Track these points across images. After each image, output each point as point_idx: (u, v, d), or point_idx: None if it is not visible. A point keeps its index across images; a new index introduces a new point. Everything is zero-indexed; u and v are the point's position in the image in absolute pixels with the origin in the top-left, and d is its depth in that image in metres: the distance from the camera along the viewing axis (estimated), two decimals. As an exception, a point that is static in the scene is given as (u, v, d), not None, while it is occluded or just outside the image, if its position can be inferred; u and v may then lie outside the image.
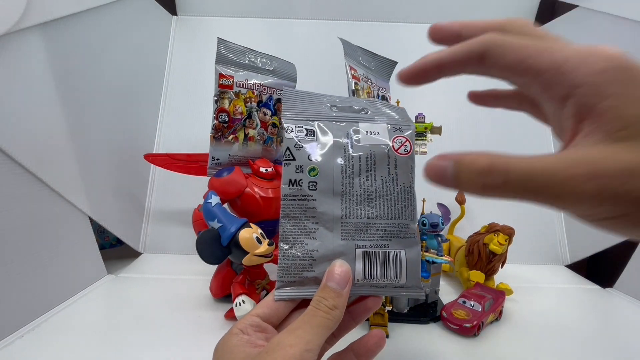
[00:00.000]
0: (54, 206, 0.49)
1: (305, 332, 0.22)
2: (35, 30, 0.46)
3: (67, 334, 0.42)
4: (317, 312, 0.23)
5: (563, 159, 0.15)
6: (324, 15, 0.81)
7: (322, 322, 0.23)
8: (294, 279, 0.25)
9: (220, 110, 0.51)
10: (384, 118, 0.28)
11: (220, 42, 0.51)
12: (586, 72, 0.15)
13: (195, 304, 0.50)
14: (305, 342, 0.22)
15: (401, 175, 0.25)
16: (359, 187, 0.25)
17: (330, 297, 0.24)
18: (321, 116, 0.27)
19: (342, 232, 0.25)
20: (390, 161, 0.26)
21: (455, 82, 0.87)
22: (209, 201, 0.44)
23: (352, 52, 0.49)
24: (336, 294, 0.24)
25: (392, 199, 0.25)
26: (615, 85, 0.15)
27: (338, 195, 0.25)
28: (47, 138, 0.48)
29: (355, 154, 0.26)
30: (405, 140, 0.26)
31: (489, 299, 0.46)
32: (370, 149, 0.26)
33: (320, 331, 0.23)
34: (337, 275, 0.24)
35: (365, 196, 0.25)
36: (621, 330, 0.48)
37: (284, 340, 0.22)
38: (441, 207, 0.67)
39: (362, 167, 0.25)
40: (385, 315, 0.44)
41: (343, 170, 0.25)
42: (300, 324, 0.23)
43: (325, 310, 0.23)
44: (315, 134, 0.26)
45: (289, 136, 0.26)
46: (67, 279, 0.50)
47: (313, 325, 0.23)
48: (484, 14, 0.81)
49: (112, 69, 0.63)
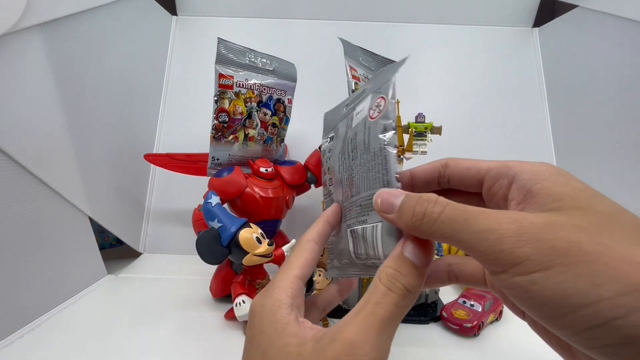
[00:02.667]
0: (54, 206, 0.49)
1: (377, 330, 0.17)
2: (35, 30, 0.46)
3: (67, 334, 0.42)
4: (389, 294, 0.17)
5: (497, 212, 0.16)
6: (324, 16, 0.81)
7: (395, 310, 0.17)
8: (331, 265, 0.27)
9: (220, 110, 0.51)
10: (370, 86, 0.26)
11: (220, 42, 0.51)
12: (526, 166, 0.18)
13: (195, 304, 0.50)
14: (383, 351, 0.17)
15: (373, 140, 0.23)
16: (349, 169, 0.25)
17: (411, 274, 0.18)
18: (338, 119, 0.28)
19: (343, 216, 0.26)
20: (365, 131, 0.24)
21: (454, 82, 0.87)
22: (209, 201, 0.44)
23: (352, 52, 0.49)
24: (418, 272, 0.18)
25: (364, 170, 0.23)
26: (549, 173, 0.17)
27: (339, 184, 0.26)
28: (47, 138, 0.48)
29: (348, 139, 0.26)
30: (379, 99, 0.23)
31: (489, 299, 0.46)
32: (355, 128, 0.25)
33: (393, 326, 0.17)
34: (417, 247, 0.18)
35: (351, 176, 0.25)
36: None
37: (358, 343, 0.17)
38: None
39: (351, 149, 0.25)
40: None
41: (340, 158, 0.26)
42: (369, 316, 0.17)
43: (402, 291, 0.18)
44: (334, 137, 0.28)
45: (322, 148, 0.29)
46: (67, 279, 0.50)
47: (381, 316, 0.17)
48: (485, 14, 0.81)
49: (112, 69, 0.63)
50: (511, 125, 0.77)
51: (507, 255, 0.15)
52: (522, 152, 0.75)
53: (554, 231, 0.15)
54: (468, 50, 0.81)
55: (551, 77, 0.78)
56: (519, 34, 0.82)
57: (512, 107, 0.78)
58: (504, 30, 0.81)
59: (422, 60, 0.79)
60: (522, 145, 0.76)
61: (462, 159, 0.21)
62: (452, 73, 0.80)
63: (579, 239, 0.14)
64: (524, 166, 0.18)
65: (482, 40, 0.81)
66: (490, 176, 0.20)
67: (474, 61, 0.80)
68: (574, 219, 0.15)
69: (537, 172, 0.18)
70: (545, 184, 0.17)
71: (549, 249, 0.14)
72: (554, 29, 0.79)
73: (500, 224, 0.15)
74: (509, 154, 0.75)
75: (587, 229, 0.15)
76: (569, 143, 0.73)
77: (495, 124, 0.77)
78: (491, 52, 0.81)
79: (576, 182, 0.17)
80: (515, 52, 0.81)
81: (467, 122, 0.77)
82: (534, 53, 0.81)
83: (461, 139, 0.75)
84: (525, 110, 0.78)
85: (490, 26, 0.81)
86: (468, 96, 0.78)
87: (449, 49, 0.81)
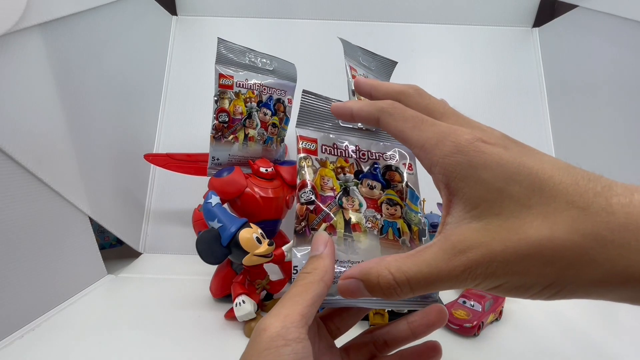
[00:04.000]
0: (54, 206, 0.49)
1: (285, 306, 0.20)
2: (35, 30, 0.46)
3: (67, 334, 0.42)
4: (296, 283, 0.21)
5: (441, 255, 0.18)
6: (324, 16, 0.81)
7: (299, 290, 0.21)
8: None
9: (220, 110, 0.51)
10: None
11: (220, 42, 0.51)
12: (439, 153, 0.18)
13: (195, 304, 0.50)
14: (283, 317, 0.19)
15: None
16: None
17: (309, 262, 0.23)
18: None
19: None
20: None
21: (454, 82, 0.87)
22: (209, 201, 0.44)
23: (352, 52, 0.49)
24: (315, 258, 0.23)
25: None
26: (459, 168, 0.18)
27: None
28: (47, 138, 0.48)
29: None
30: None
31: (489, 299, 0.46)
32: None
33: (300, 300, 0.20)
34: (312, 243, 0.24)
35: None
36: (621, 331, 0.48)
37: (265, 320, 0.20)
38: (441, 207, 0.67)
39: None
40: (385, 315, 0.44)
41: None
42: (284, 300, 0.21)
43: (314, 277, 0.21)
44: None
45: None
46: (67, 279, 0.50)
47: (290, 297, 0.21)
48: (484, 14, 0.81)
49: (112, 69, 0.63)
50: (511, 124, 0.77)
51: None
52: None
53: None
54: (468, 50, 0.81)
55: (551, 76, 0.78)
56: (519, 34, 0.82)
57: (512, 107, 0.78)
58: (504, 30, 0.81)
59: (422, 60, 0.79)
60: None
61: (393, 116, 0.21)
62: (452, 73, 0.80)
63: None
64: (436, 155, 0.19)
65: (481, 40, 0.81)
66: (415, 153, 0.20)
67: (473, 61, 0.80)
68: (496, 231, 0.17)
69: (449, 165, 0.18)
70: (458, 183, 0.18)
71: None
72: (554, 29, 0.79)
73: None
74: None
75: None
76: (568, 142, 0.73)
77: (495, 123, 0.75)
78: (491, 52, 0.81)
79: (485, 173, 0.17)
80: (515, 52, 0.81)
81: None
82: (534, 53, 0.81)
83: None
84: (525, 110, 0.77)
85: (490, 26, 0.81)
86: (468, 96, 0.78)
87: (449, 49, 0.81)
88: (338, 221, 0.26)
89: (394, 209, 0.28)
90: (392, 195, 0.28)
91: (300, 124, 0.29)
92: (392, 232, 0.27)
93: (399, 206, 0.28)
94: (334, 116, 0.27)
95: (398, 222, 0.28)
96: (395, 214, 0.28)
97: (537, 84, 0.79)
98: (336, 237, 0.26)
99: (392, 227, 0.27)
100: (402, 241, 0.27)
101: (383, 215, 0.28)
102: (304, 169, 0.27)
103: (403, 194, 0.28)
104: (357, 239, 0.26)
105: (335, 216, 0.27)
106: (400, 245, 0.27)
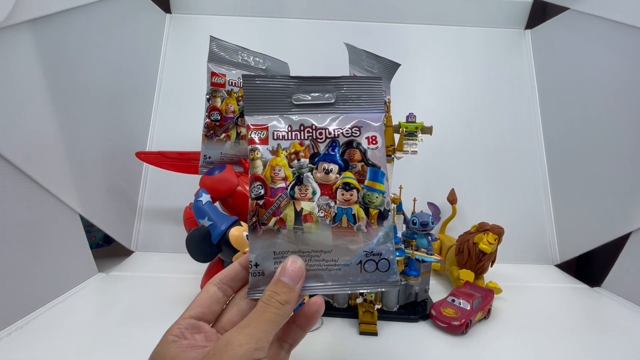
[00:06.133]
0: (44, 204, 0.48)
1: (256, 329, 0.22)
2: (24, 27, 0.45)
3: (56, 332, 0.42)
4: (267, 308, 0.23)
5: None
6: (318, 15, 0.81)
7: (273, 317, 0.23)
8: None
9: (213, 108, 0.51)
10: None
11: (213, 40, 0.51)
12: None
13: (186, 302, 0.49)
14: (256, 341, 0.21)
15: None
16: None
17: (283, 292, 0.24)
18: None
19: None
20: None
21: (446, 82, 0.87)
22: (200, 199, 0.44)
23: (356, 57, 0.50)
24: (288, 289, 0.24)
25: None
26: None
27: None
28: (37, 135, 0.48)
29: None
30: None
31: (477, 298, 0.47)
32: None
33: (270, 327, 0.23)
34: (290, 270, 0.24)
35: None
36: (608, 329, 0.48)
37: (233, 340, 0.21)
38: (431, 206, 0.67)
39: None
40: (374, 314, 0.44)
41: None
42: (250, 321, 0.23)
43: (277, 305, 0.23)
44: None
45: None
46: (56, 276, 0.50)
47: (263, 322, 0.22)
48: (477, 16, 0.82)
49: (104, 66, 0.63)
50: (502, 125, 0.77)
51: None
52: (513, 152, 0.76)
53: None
54: (460, 51, 0.81)
55: (543, 78, 0.79)
56: (511, 36, 0.82)
57: (503, 108, 0.78)
58: (497, 31, 0.82)
59: (414, 60, 0.80)
60: (513, 145, 0.76)
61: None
62: (444, 73, 0.80)
63: None
64: None
65: (474, 41, 0.82)
66: None
67: (466, 62, 0.81)
68: None
69: None
70: None
71: None
72: (546, 31, 0.80)
73: None
74: (499, 154, 0.76)
75: None
76: (560, 144, 0.74)
77: (487, 124, 0.78)
78: (483, 53, 0.81)
79: None
80: (507, 54, 0.82)
81: (458, 122, 0.77)
82: (526, 54, 0.82)
83: (452, 139, 0.76)
84: (517, 111, 0.78)
85: (482, 27, 0.82)
86: (460, 96, 0.79)
87: (442, 49, 0.81)
88: (288, 214, 0.26)
89: (349, 194, 0.27)
90: (348, 178, 0.27)
91: (249, 111, 0.28)
92: (346, 219, 0.27)
93: (356, 190, 0.27)
94: (282, 95, 0.27)
95: (354, 208, 0.27)
96: (350, 200, 0.27)
97: (528, 84, 0.80)
98: (286, 231, 0.26)
99: (347, 214, 0.27)
100: (357, 227, 0.27)
101: (337, 202, 0.27)
102: (253, 162, 0.27)
103: (362, 175, 0.27)
104: (307, 231, 0.26)
105: (285, 209, 0.26)
106: (355, 231, 0.26)
